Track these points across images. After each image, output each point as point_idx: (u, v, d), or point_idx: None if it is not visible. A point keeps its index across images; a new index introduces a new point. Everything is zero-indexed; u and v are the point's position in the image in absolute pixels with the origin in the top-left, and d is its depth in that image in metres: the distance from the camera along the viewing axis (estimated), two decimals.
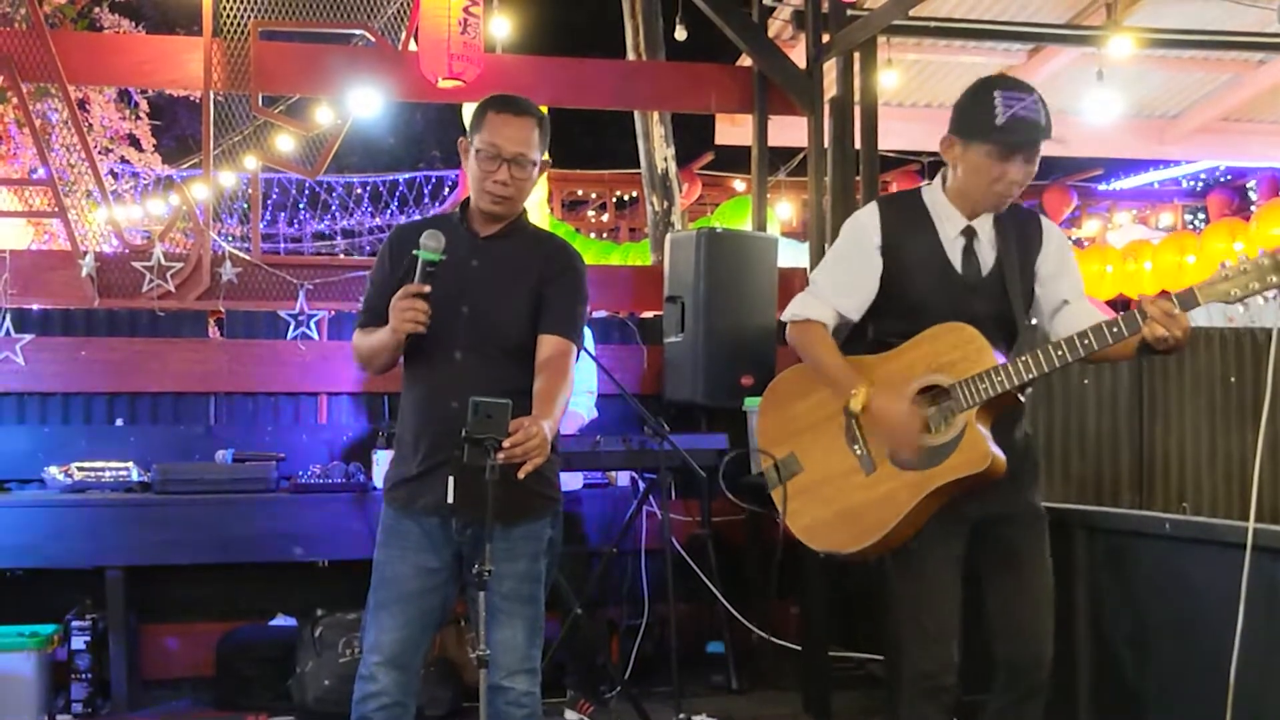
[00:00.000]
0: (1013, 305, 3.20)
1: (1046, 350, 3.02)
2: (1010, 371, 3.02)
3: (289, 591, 5.32)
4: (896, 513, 3.09)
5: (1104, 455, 5.08)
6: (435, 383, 3.03)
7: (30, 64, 5.60)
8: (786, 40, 7.23)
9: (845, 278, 3.28)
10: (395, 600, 3.03)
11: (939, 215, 3.23)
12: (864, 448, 3.18)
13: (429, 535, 3.03)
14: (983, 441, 3.03)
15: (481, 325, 3.02)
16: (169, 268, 5.57)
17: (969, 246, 3.21)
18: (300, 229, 13.71)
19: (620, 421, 5.55)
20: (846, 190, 6.02)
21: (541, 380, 2.97)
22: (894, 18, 5.82)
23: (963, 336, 3.10)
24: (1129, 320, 2.95)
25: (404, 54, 5.94)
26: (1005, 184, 3.13)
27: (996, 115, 3.07)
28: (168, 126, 11.61)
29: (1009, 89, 3.11)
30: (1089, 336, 2.99)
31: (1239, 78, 8.74)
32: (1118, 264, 13.63)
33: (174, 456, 5.30)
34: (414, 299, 2.89)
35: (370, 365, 3.13)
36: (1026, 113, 3.07)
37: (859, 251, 3.26)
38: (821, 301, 3.28)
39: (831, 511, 3.23)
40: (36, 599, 5.01)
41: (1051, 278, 3.26)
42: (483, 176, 3.01)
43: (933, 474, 3.06)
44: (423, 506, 3.02)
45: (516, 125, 3.00)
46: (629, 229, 17.14)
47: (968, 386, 3.05)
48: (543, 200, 9.84)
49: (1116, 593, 3.75)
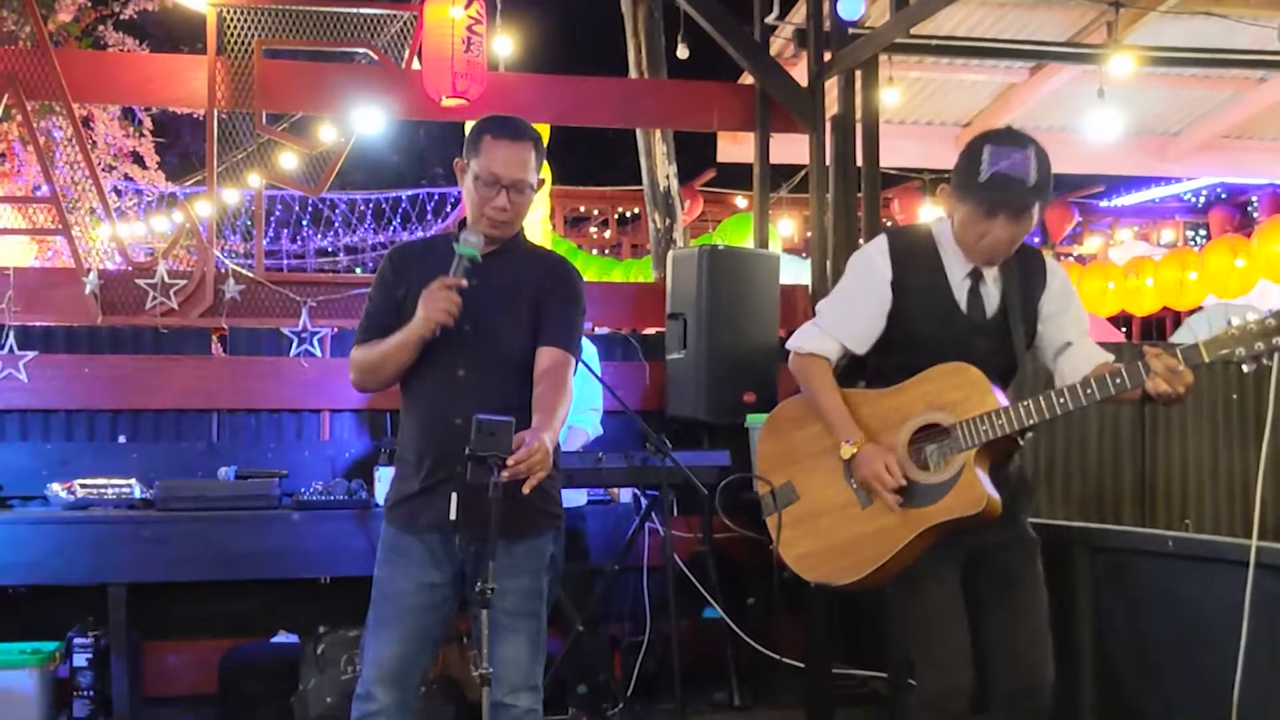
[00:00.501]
0: (1014, 344, 3.20)
1: (1049, 397, 3.02)
2: (1012, 415, 3.02)
3: (291, 608, 5.31)
4: (889, 548, 3.10)
5: (1106, 473, 5.08)
6: (438, 400, 3.03)
7: (35, 82, 5.63)
8: (788, 58, 7.26)
9: (853, 313, 3.28)
10: (395, 617, 3.03)
11: (947, 254, 3.22)
12: None
13: (431, 552, 3.03)
14: (979, 484, 3.03)
15: (483, 343, 3.03)
16: (172, 285, 5.58)
17: (974, 288, 3.21)
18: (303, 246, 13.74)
19: (622, 438, 5.55)
20: (848, 207, 6.04)
21: (540, 392, 2.98)
22: (895, 36, 5.85)
23: (967, 378, 3.10)
24: (1132, 372, 2.94)
25: (407, 72, 5.97)
26: (990, 241, 3.09)
27: (981, 171, 3.02)
28: (171, 144, 11.64)
29: (1000, 144, 3.05)
30: (1091, 386, 2.98)
31: (1239, 95, 8.77)
32: (1119, 280, 13.64)
33: (176, 473, 5.29)
34: (450, 290, 2.91)
35: (377, 375, 3.10)
36: (1012, 170, 3.00)
37: (869, 287, 3.25)
38: (827, 335, 3.28)
39: (826, 543, 3.24)
40: (38, 616, 5.01)
41: (1055, 317, 3.25)
42: (481, 202, 3.03)
43: (927, 513, 3.07)
44: (426, 523, 3.02)
45: (514, 150, 3.02)
46: (631, 245, 17.18)
47: (968, 427, 3.05)
48: (545, 217, 9.86)
49: (1120, 611, 3.75)
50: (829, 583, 3.26)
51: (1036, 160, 3.03)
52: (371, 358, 3.08)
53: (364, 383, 3.16)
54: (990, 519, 3.06)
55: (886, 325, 3.25)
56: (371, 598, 3.08)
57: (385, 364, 3.05)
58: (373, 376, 3.11)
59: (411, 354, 3.00)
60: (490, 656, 2.82)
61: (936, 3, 5.59)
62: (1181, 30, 7.41)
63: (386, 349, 3.03)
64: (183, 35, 9.85)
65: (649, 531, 5.16)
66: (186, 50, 7.41)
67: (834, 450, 3.23)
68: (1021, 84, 8.32)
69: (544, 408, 2.93)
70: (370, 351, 3.08)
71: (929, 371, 3.14)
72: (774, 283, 5.78)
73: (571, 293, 3.14)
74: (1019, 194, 3.02)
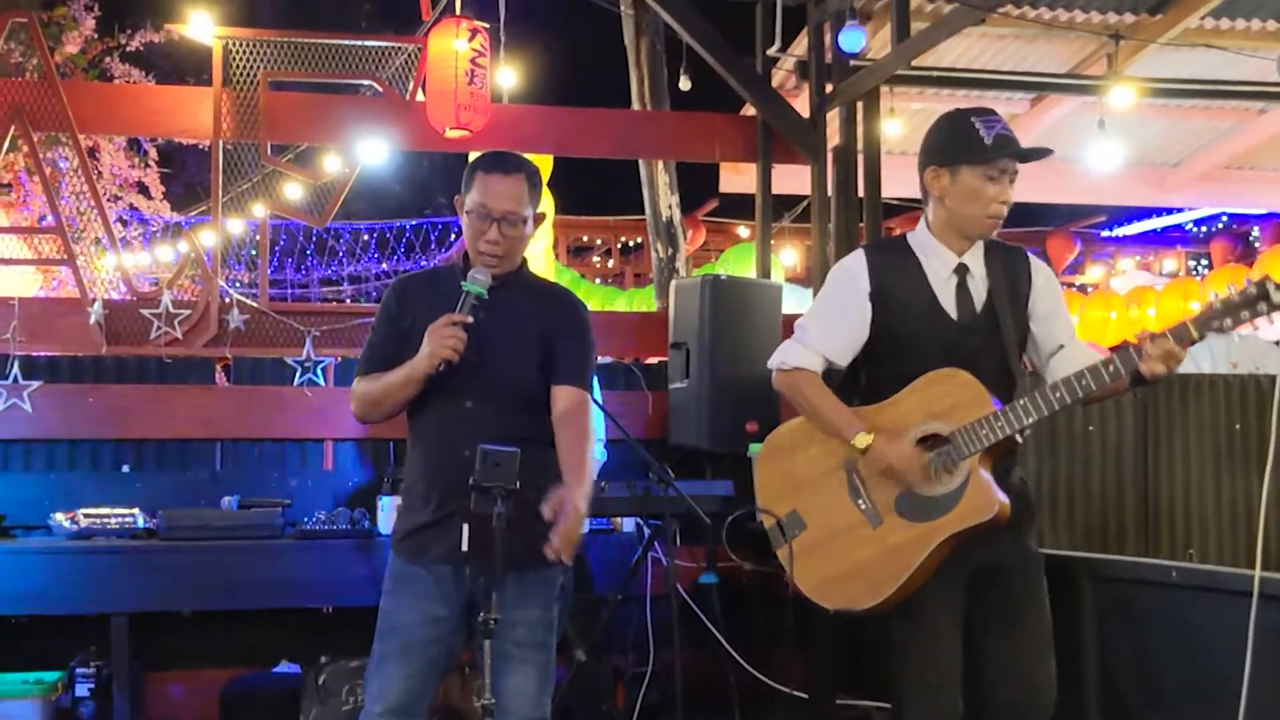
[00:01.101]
0: (1005, 343, 3.19)
1: (1045, 392, 3.02)
2: (1010, 416, 3.02)
3: (293, 638, 5.30)
4: (908, 565, 3.06)
5: (1109, 502, 5.07)
6: (446, 432, 3.04)
7: (41, 113, 5.66)
8: (790, 90, 7.30)
9: (833, 324, 3.28)
10: (401, 650, 3.01)
11: (927, 256, 3.23)
12: (868, 501, 3.16)
13: (439, 583, 3.02)
14: (988, 488, 3.03)
15: (492, 375, 3.04)
16: (177, 315, 5.60)
17: (962, 284, 3.21)
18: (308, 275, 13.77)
19: (625, 467, 5.55)
20: (850, 237, 6.07)
21: (566, 440, 3.02)
22: (897, 68, 5.88)
23: (958, 382, 3.09)
24: (1125, 358, 2.96)
25: (411, 104, 6.00)
26: (999, 205, 3.16)
27: (983, 137, 3.12)
28: (177, 174, 11.70)
29: (982, 115, 3.18)
30: (1086, 377, 2.99)
31: (1240, 126, 8.80)
32: (1121, 310, 13.64)
33: (180, 502, 5.29)
34: (456, 327, 2.92)
35: (380, 407, 3.10)
36: (1006, 131, 3.15)
37: (847, 298, 3.26)
38: (808, 349, 3.28)
39: (840, 569, 3.19)
40: (41, 646, 5.00)
41: (1046, 318, 3.26)
42: (475, 236, 3.06)
43: (941, 524, 3.05)
44: (437, 555, 3.01)
45: (505, 184, 3.04)
46: (634, 274, 17.21)
47: (968, 433, 3.04)
48: (548, 247, 9.90)
49: (1124, 641, 3.74)
50: (850, 609, 3.20)
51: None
52: (374, 391, 3.08)
53: (366, 415, 3.16)
54: (1002, 523, 3.04)
55: (875, 335, 3.24)
56: (377, 629, 3.07)
57: (388, 398, 3.06)
58: (375, 409, 3.11)
59: (415, 389, 3.01)
60: (498, 687, 2.82)
61: (937, 35, 5.64)
62: (1181, 62, 7.44)
63: (390, 383, 3.04)
64: (189, 67, 9.93)
65: (652, 561, 5.15)
66: (193, 82, 7.47)
67: (836, 472, 3.22)
68: (1023, 115, 8.35)
69: (572, 464, 2.97)
70: (373, 385, 3.08)
71: (919, 381, 3.13)
72: (776, 312, 5.79)
73: (581, 328, 3.17)
74: (1019, 150, 3.14)
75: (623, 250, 17.40)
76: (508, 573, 2.89)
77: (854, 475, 3.19)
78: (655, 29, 8.02)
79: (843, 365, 3.29)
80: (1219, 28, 7.19)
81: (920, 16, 6.39)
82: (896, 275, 3.23)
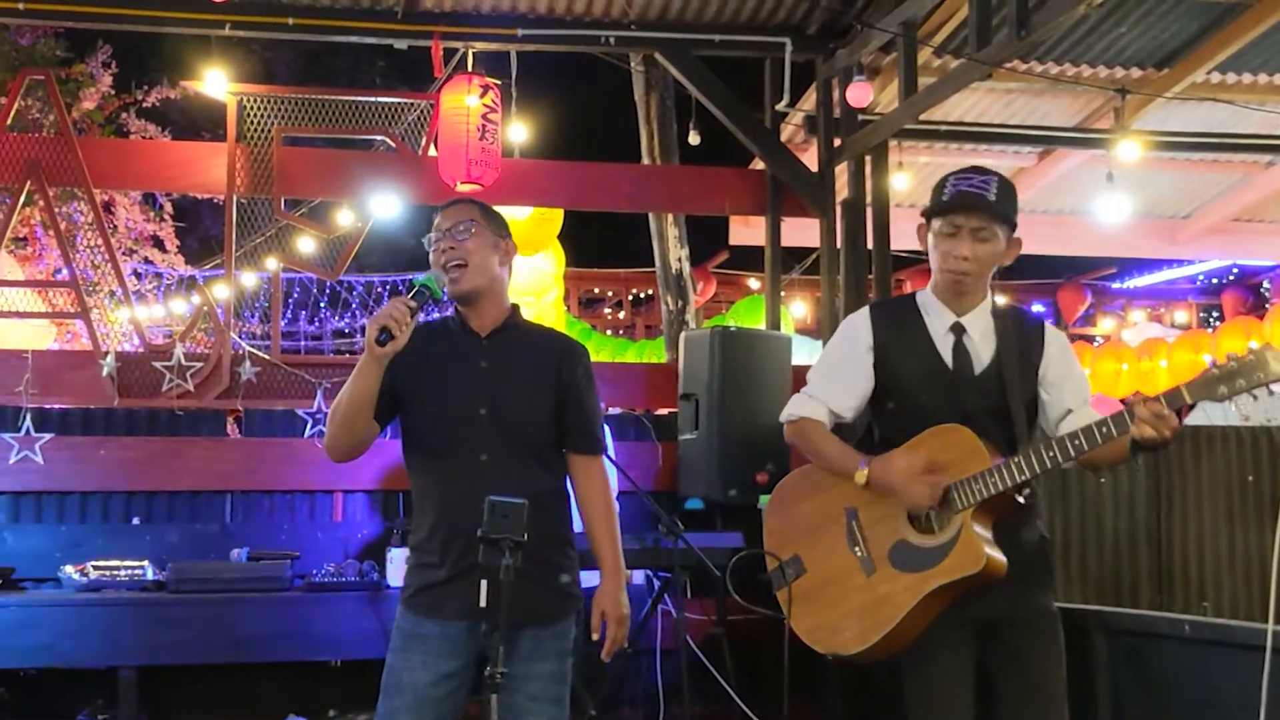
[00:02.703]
0: (1010, 402, 3.19)
1: (1039, 450, 3.02)
2: (1004, 473, 3.03)
3: (302, 692, 5.27)
4: (896, 614, 3.09)
5: (1122, 555, 5.03)
6: (462, 486, 2.97)
7: (58, 169, 5.74)
8: (799, 144, 7.36)
9: (837, 377, 3.33)
10: (410, 709, 2.96)
11: (929, 313, 3.28)
12: (864, 549, 3.20)
13: (451, 640, 2.98)
14: (977, 543, 3.03)
15: (505, 426, 3.03)
16: (189, 367, 5.63)
17: (959, 343, 3.24)
18: (321, 327, 13.83)
19: (635, 519, 5.54)
20: (859, 289, 6.09)
21: (601, 525, 3.15)
22: (905, 122, 5.93)
23: (957, 437, 3.11)
24: (1118, 421, 2.93)
25: (424, 159, 6.06)
26: (955, 260, 3.16)
27: (945, 193, 3.17)
28: (191, 228, 11.79)
29: (963, 172, 3.22)
30: (1079, 438, 2.98)
31: (1248, 179, 8.83)
32: (1133, 362, 13.61)
33: (189, 555, 5.30)
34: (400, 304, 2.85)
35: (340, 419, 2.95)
36: (969, 188, 3.15)
37: (849, 353, 3.32)
38: (815, 401, 3.33)
39: (834, 614, 3.23)
40: (49, 698, 4.99)
41: (1056, 384, 3.26)
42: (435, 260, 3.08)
43: (929, 575, 3.07)
44: (453, 611, 2.96)
45: (452, 209, 3.14)
46: (645, 326, 17.24)
47: (963, 488, 3.06)
48: (559, 298, 9.93)
49: (1137, 695, 3.71)
50: (839, 653, 3.23)
51: (998, 184, 3.18)
52: (340, 406, 2.95)
53: (334, 438, 3.01)
54: (993, 579, 3.04)
55: (882, 390, 3.28)
56: (383, 685, 3.01)
57: (339, 404, 2.93)
58: (337, 426, 2.97)
59: (367, 380, 2.88)
60: None
61: (945, 90, 5.68)
62: (1188, 115, 7.49)
63: (351, 390, 2.91)
64: (204, 122, 10.03)
65: (662, 614, 5.13)
66: (208, 137, 7.55)
67: (838, 520, 3.25)
68: (1031, 168, 8.40)
69: (609, 544, 3.14)
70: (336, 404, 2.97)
71: (921, 435, 3.15)
72: (786, 364, 5.80)
73: (592, 384, 3.20)
74: (979, 206, 3.13)
75: (633, 302, 17.46)
76: (525, 627, 2.90)
77: (854, 523, 3.23)
78: (665, 85, 8.10)
79: (848, 418, 3.33)
80: (1225, 82, 7.24)
81: (927, 71, 6.45)
82: (899, 331, 3.28)
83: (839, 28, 6.42)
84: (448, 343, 3.04)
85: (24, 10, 5.73)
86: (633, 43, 6.51)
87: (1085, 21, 6.44)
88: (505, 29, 6.12)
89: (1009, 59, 5.36)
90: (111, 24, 6.08)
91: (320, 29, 6.06)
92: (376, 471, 5.69)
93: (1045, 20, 4.85)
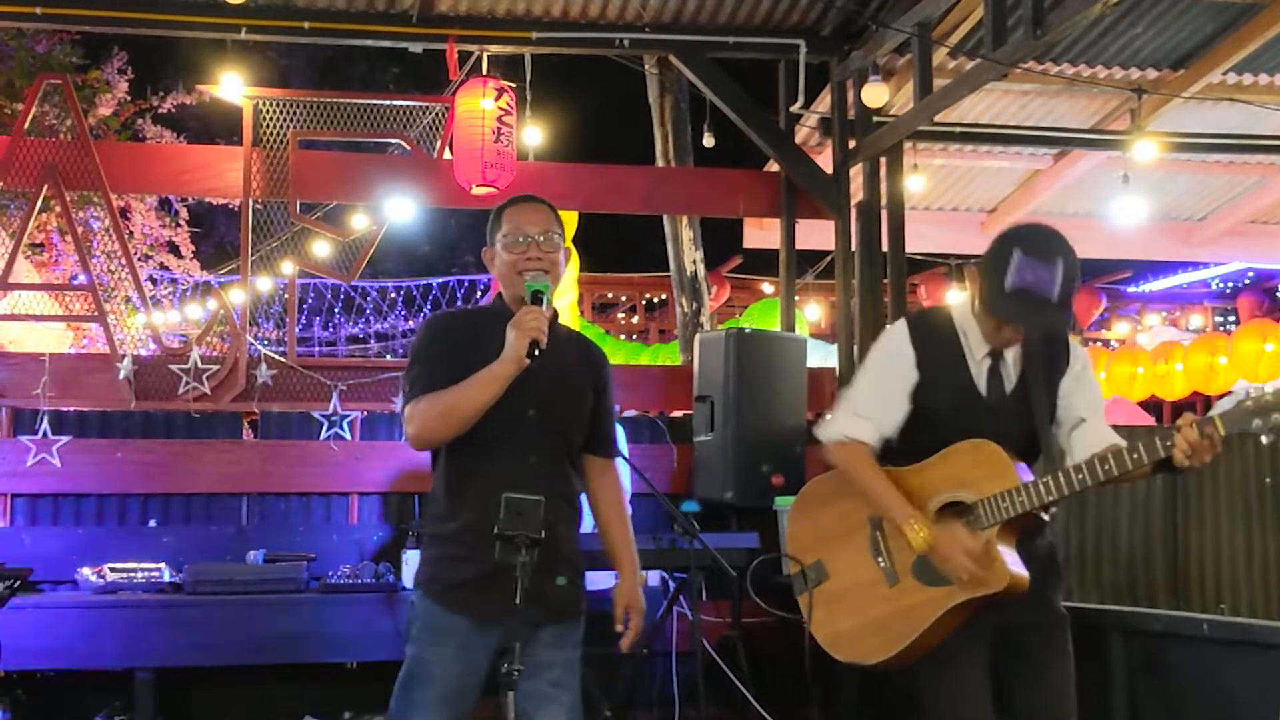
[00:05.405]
0: (1036, 422, 3.21)
1: (1068, 473, 3.03)
2: (1032, 492, 3.03)
3: (318, 693, 5.28)
4: (917, 626, 3.11)
5: (1138, 558, 5.01)
6: (509, 485, 2.87)
7: (75, 173, 5.77)
8: (813, 146, 7.34)
9: (884, 397, 3.27)
10: (442, 699, 2.98)
11: (967, 335, 3.25)
12: (888, 560, 3.21)
13: (482, 634, 2.99)
14: (1002, 561, 3.05)
15: (550, 428, 3.05)
16: (205, 370, 5.65)
17: (994, 368, 3.23)
18: (335, 332, 13.86)
19: (650, 520, 5.54)
20: (874, 292, 6.08)
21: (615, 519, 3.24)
22: (919, 124, 5.92)
23: (986, 454, 3.11)
24: (1149, 448, 2.94)
25: (438, 162, 6.08)
26: (1004, 339, 3.17)
27: (1007, 279, 3.03)
28: (207, 233, 11.84)
29: (1030, 252, 3.03)
30: (1109, 462, 2.98)
31: (1265, 181, 8.78)
32: (1148, 366, 13.57)
33: (206, 557, 5.30)
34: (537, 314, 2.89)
35: (454, 415, 2.93)
36: (1037, 286, 3.01)
37: (896, 368, 3.26)
38: (867, 420, 3.26)
39: (855, 622, 3.24)
40: (67, 700, 5.00)
41: (1070, 395, 3.26)
42: (515, 261, 3.04)
43: (953, 591, 3.08)
44: (488, 609, 2.95)
45: (533, 209, 3.10)
46: (659, 330, 17.24)
47: (990, 505, 3.07)
48: (573, 303, 9.93)
49: (1155, 695, 3.69)
50: (858, 662, 3.25)
51: (1063, 274, 3.03)
52: (446, 399, 2.94)
53: (433, 430, 2.98)
54: (1015, 596, 3.05)
55: (912, 405, 3.26)
56: (412, 676, 3.00)
57: (466, 404, 2.92)
58: (445, 420, 2.95)
59: (500, 389, 2.90)
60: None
61: (959, 91, 5.67)
62: (1205, 117, 7.45)
63: (467, 387, 2.92)
64: (219, 129, 10.07)
65: (677, 615, 5.12)
66: (223, 142, 7.57)
67: (862, 528, 3.25)
68: (1046, 170, 8.36)
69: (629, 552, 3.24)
70: (442, 395, 2.95)
71: (949, 450, 3.15)
72: (801, 366, 5.80)
73: (611, 388, 3.26)
74: (1038, 312, 3.04)
75: (647, 306, 17.45)
76: (547, 624, 2.97)
77: (878, 533, 3.24)
78: (679, 87, 8.11)
79: (893, 435, 3.27)
80: (1242, 83, 7.21)
81: (942, 73, 6.43)
82: (937, 348, 3.26)
83: (853, 29, 6.42)
84: (496, 341, 2.95)
85: (40, 15, 5.76)
86: (647, 45, 6.51)
87: (1101, 22, 6.42)
88: (520, 32, 6.13)
89: (1024, 59, 5.35)
90: (127, 28, 6.11)
91: (335, 33, 6.08)
92: (391, 474, 5.71)
93: (1061, 20, 4.84)
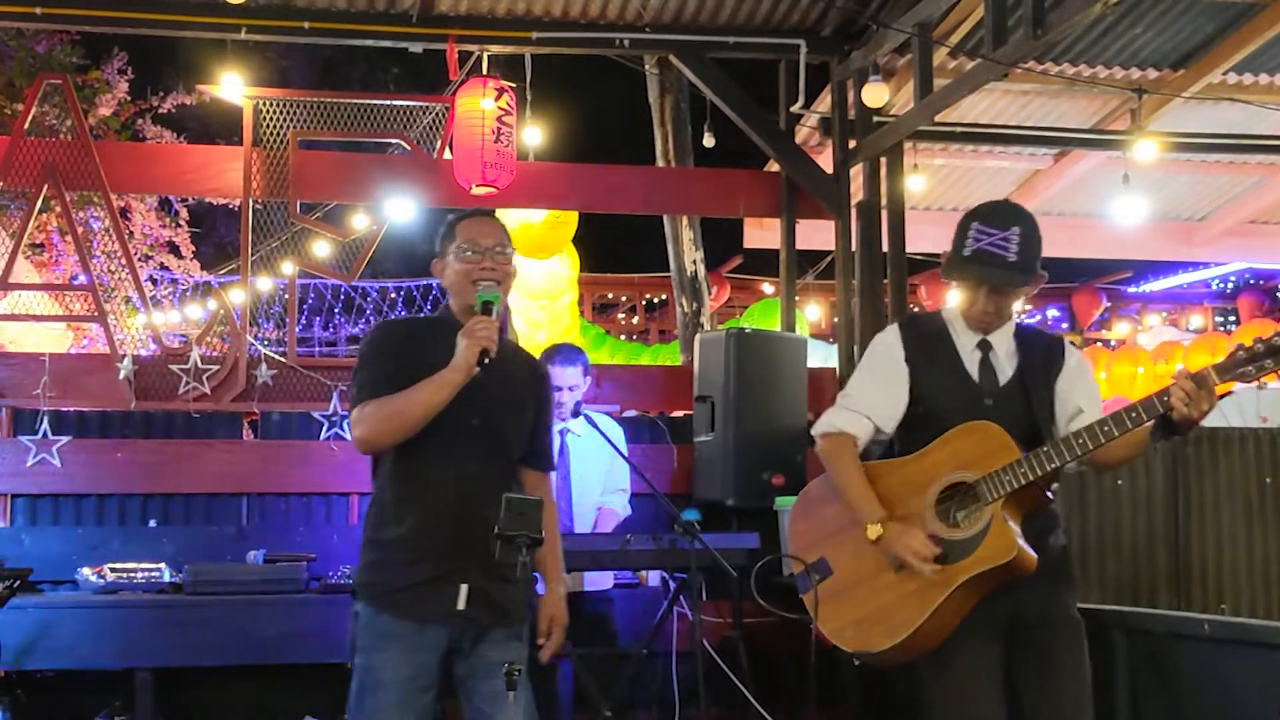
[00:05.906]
0: (1035, 414, 3.24)
1: (1068, 439, 3.06)
2: (1032, 462, 3.06)
3: (318, 693, 5.26)
4: (926, 608, 3.10)
5: (1140, 557, 5.01)
6: (452, 492, 3.06)
7: (75, 174, 5.76)
8: (814, 146, 7.34)
9: (876, 387, 3.35)
10: (395, 704, 2.99)
11: (956, 331, 3.34)
12: None
13: (427, 638, 3.03)
14: (1009, 533, 3.05)
15: (494, 439, 3.13)
16: (205, 370, 5.65)
17: (985, 359, 3.29)
18: (335, 332, 13.86)
19: (651, 520, 5.53)
20: (874, 292, 6.08)
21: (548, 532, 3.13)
22: (919, 124, 5.92)
23: (986, 433, 3.15)
24: (1148, 405, 2.99)
25: (438, 162, 6.07)
26: (979, 311, 3.24)
27: (966, 246, 3.19)
28: (207, 234, 11.83)
29: (987, 221, 3.20)
30: (1109, 423, 3.02)
31: (1265, 181, 8.78)
32: (1148, 366, 13.55)
33: (206, 557, 5.30)
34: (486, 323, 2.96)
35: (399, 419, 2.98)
36: (992, 248, 3.16)
37: (887, 363, 3.35)
38: (855, 413, 3.34)
39: (862, 612, 3.24)
40: (67, 700, 4.99)
41: (1066, 389, 3.31)
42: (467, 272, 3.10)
43: (960, 567, 3.08)
44: (433, 612, 3.01)
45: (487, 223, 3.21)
46: (659, 331, 17.24)
47: (992, 480, 3.09)
48: (573, 302, 9.92)
49: (1157, 695, 3.69)
50: (866, 650, 3.23)
51: (1020, 239, 3.16)
52: (396, 402, 2.99)
53: (380, 433, 3.03)
54: (1024, 572, 3.05)
55: (909, 409, 3.31)
56: (361, 686, 3.02)
57: (414, 407, 2.97)
58: (392, 424, 3.00)
59: (449, 395, 2.96)
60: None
61: (960, 91, 5.67)
62: (1205, 117, 7.45)
63: (418, 391, 2.97)
64: (219, 129, 10.06)
65: (677, 615, 5.11)
66: (223, 142, 7.57)
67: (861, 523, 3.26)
68: (1046, 170, 8.36)
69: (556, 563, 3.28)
70: (392, 399, 3.00)
71: (949, 434, 3.19)
72: (801, 366, 5.79)
73: (551, 403, 3.41)
74: (997, 271, 3.16)
75: (647, 307, 17.45)
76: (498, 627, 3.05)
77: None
78: (679, 87, 8.10)
79: (888, 430, 3.35)
80: (1242, 82, 7.21)
81: (943, 73, 6.44)
82: (928, 346, 3.34)
83: (853, 29, 6.42)
84: (444, 349, 3.00)
85: (40, 15, 5.76)
86: (647, 45, 6.51)
87: (1101, 22, 6.42)
88: (520, 32, 6.13)
89: (1025, 59, 5.36)
90: (127, 28, 6.11)
91: (335, 33, 6.08)
92: None
93: (1061, 20, 4.84)
